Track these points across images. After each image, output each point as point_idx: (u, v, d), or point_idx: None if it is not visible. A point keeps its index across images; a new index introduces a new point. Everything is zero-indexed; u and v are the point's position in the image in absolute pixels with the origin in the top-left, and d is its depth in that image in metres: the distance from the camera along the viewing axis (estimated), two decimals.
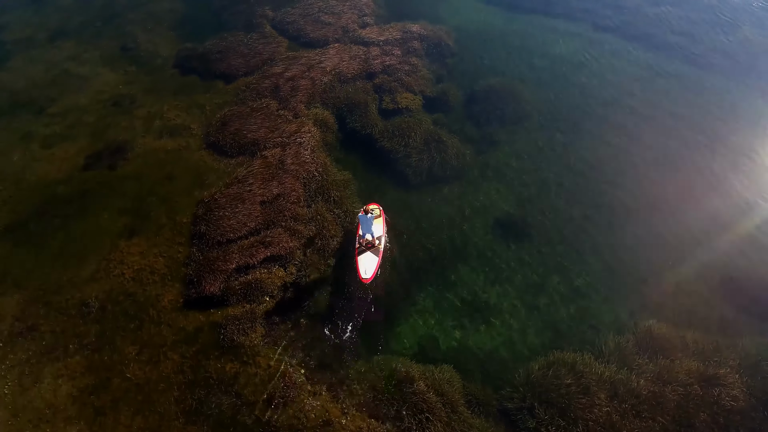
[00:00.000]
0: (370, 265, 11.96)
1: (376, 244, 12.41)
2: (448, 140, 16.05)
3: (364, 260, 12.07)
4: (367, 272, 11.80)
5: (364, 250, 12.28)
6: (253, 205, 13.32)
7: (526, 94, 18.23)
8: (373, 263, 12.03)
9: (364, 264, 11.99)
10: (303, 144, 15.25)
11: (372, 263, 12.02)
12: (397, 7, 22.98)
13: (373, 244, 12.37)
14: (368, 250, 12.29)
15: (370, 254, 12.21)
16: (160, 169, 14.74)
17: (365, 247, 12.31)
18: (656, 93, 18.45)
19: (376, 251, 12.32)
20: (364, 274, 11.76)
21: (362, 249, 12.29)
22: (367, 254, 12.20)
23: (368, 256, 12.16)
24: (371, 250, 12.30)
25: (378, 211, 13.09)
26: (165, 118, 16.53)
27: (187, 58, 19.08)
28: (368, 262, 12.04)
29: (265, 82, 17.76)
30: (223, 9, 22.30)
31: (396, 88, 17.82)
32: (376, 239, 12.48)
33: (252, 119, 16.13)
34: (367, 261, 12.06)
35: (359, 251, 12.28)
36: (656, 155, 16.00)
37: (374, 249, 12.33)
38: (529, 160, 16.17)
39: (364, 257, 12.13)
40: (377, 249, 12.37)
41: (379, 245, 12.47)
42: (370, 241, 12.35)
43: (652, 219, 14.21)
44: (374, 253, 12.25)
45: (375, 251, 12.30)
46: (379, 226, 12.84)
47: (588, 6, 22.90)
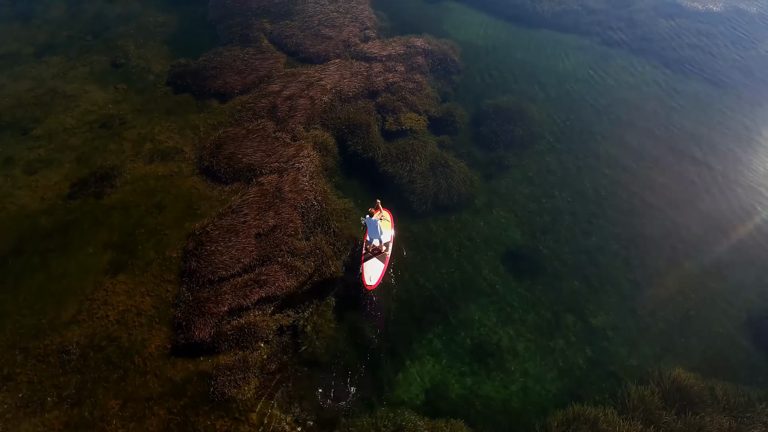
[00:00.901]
0: (375, 272, 11.88)
1: (382, 251, 12.32)
2: (455, 165, 15.37)
3: (370, 266, 11.99)
4: (371, 279, 11.71)
5: (371, 256, 12.19)
6: (247, 239, 12.60)
7: (535, 113, 17.57)
8: (379, 270, 11.95)
9: (369, 270, 11.89)
10: (301, 169, 14.56)
11: (377, 270, 11.94)
12: (401, 19, 22.39)
13: (379, 250, 12.28)
14: (374, 256, 12.21)
15: (376, 260, 12.13)
16: (149, 198, 14.03)
17: (371, 253, 12.23)
18: (672, 112, 17.81)
19: (382, 257, 12.24)
20: (369, 281, 11.67)
21: (368, 255, 12.20)
22: (373, 260, 12.12)
23: (374, 263, 12.08)
24: (377, 256, 12.23)
25: (388, 217, 13.16)
26: (156, 141, 15.84)
27: (180, 75, 18.41)
28: (374, 268, 11.97)
29: (261, 102, 17.09)
30: (218, 21, 21.67)
31: (399, 108, 17.15)
32: (383, 245, 12.36)
33: (248, 142, 15.45)
34: (373, 267, 11.98)
35: (365, 257, 12.17)
36: (674, 181, 15.33)
37: (380, 255, 12.26)
38: (540, 186, 15.48)
39: (369, 263, 12.04)
40: (383, 255, 12.29)
41: (386, 251, 12.39)
42: (377, 247, 12.26)
43: (672, 251, 13.51)
44: (380, 260, 12.17)
45: (381, 257, 12.23)
46: (388, 232, 12.78)
47: (598, 19, 22.31)
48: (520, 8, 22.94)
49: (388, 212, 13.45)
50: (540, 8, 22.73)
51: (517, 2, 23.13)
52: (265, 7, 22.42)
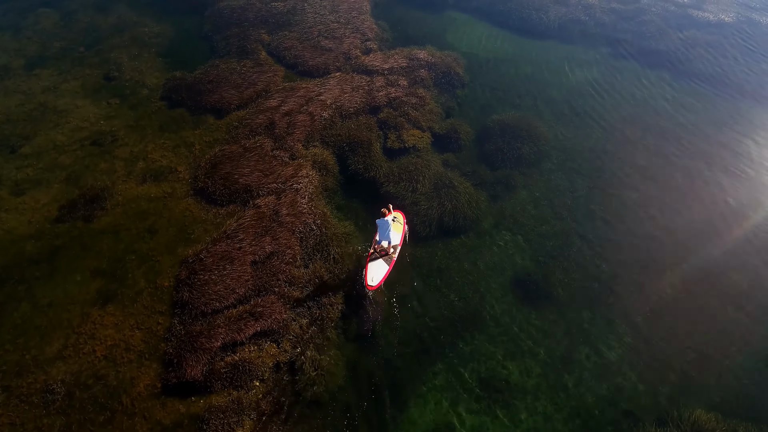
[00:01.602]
0: (378, 273, 12.01)
1: (390, 253, 12.44)
2: (460, 185, 14.92)
3: (374, 267, 12.11)
4: (374, 280, 11.81)
5: (377, 256, 12.30)
6: (242, 266, 12.12)
7: (543, 130, 17.14)
8: (382, 271, 12.09)
9: (373, 271, 12.01)
10: (300, 191, 14.10)
11: (381, 271, 12.07)
12: (403, 30, 22.02)
13: (387, 252, 12.40)
14: (381, 257, 12.34)
15: (381, 261, 12.28)
16: (141, 221, 13.56)
17: (378, 253, 12.34)
18: (684, 129, 17.39)
19: (388, 259, 12.39)
20: (371, 281, 11.77)
21: (375, 255, 12.31)
22: (379, 261, 12.26)
23: (379, 264, 12.22)
24: (384, 257, 12.37)
25: (401, 219, 13.19)
26: (149, 159, 15.39)
27: (175, 89, 17.98)
28: (378, 269, 12.09)
29: (259, 118, 16.66)
30: (215, 32, 21.28)
31: (402, 124, 16.71)
32: (392, 247, 12.47)
33: (244, 161, 14.99)
34: (377, 268, 12.11)
35: (372, 257, 12.28)
36: (686, 204, 14.85)
37: (387, 257, 12.40)
38: (548, 208, 15.02)
39: (374, 264, 12.16)
40: (389, 257, 12.42)
41: (393, 254, 12.52)
42: (385, 249, 12.35)
43: (689, 279, 13.01)
44: (386, 261, 12.33)
45: (387, 259, 12.38)
46: (398, 234, 12.87)
47: (606, 31, 21.92)
48: (525, 19, 22.55)
49: (401, 214, 13.51)
50: (546, 19, 22.36)
51: (523, 13, 22.74)
52: (263, 17, 22.05)
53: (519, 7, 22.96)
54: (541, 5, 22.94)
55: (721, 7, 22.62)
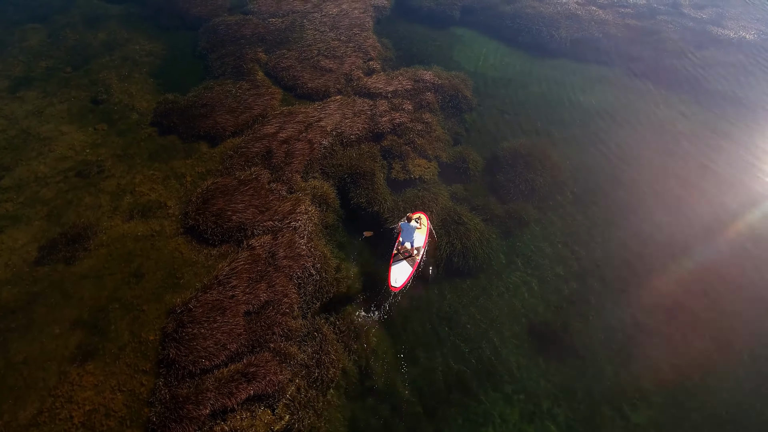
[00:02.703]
0: (402, 275, 12.28)
1: (413, 255, 12.68)
2: (470, 221, 14.13)
3: (398, 268, 12.38)
4: (397, 281, 12.08)
5: (401, 258, 12.56)
6: (235, 318, 11.31)
7: (556, 158, 16.36)
8: (406, 273, 12.36)
9: (397, 272, 12.28)
10: (298, 229, 13.31)
11: (404, 273, 12.35)
12: (407, 48, 21.31)
13: (410, 253, 12.65)
14: (405, 259, 12.59)
15: (405, 263, 12.55)
16: (126, 264, 12.77)
17: (402, 255, 12.60)
18: (710, 159, 16.54)
19: (412, 261, 12.62)
20: (395, 282, 12.03)
21: (399, 257, 12.57)
22: (402, 263, 12.53)
23: (402, 265, 12.49)
24: (407, 259, 12.61)
25: (425, 222, 13.40)
26: (137, 193, 14.62)
27: (166, 114, 17.24)
28: (401, 271, 12.37)
29: (255, 146, 15.90)
30: (209, 50, 20.57)
31: (407, 153, 15.95)
32: (415, 249, 12.76)
33: (239, 196, 14.21)
34: (401, 270, 12.38)
35: (395, 258, 12.57)
36: (719, 244, 14.02)
37: (410, 259, 12.63)
38: (564, 245, 14.22)
39: (398, 266, 12.43)
40: (413, 259, 12.65)
41: (417, 255, 12.75)
42: (409, 250, 12.63)
43: (724, 331, 12.16)
44: (409, 263, 12.58)
45: (411, 261, 12.62)
46: (422, 237, 13.14)
47: (621, 48, 21.17)
48: (535, 35, 21.83)
49: (425, 216, 13.68)
50: (558, 35, 21.63)
51: (533, 29, 22.02)
52: (260, 34, 21.35)
53: (529, 23, 22.25)
54: (552, 21, 22.23)
55: (741, 23, 21.89)
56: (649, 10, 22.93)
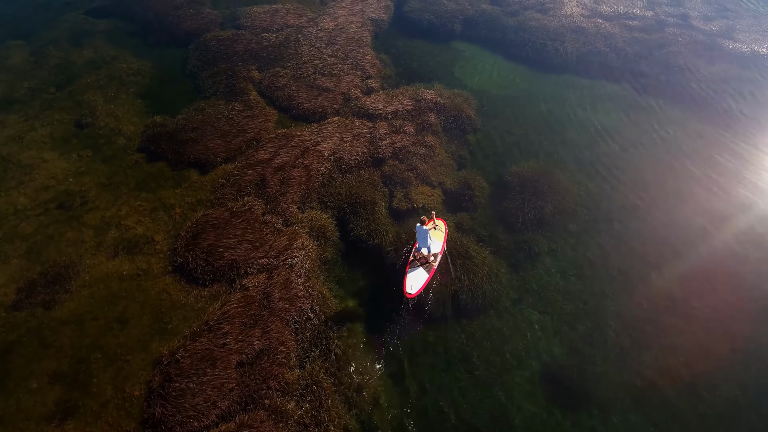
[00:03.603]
0: (418, 281, 12.16)
1: (430, 261, 12.58)
2: (477, 255, 13.47)
3: (414, 275, 12.29)
4: (413, 288, 11.98)
5: (417, 265, 12.50)
6: (226, 370, 10.61)
7: (565, 182, 15.74)
8: (422, 279, 12.23)
9: (412, 279, 12.19)
10: (295, 267, 12.64)
11: (420, 279, 12.22)
12: (407, 64, 20.73)
13: (427, 260, 12.56)
14: (421, 265, 12.50)
15: (421, 270, 12.45)
16: (110, 308, 12.07)
17: (419, 261, 12.53)
18: (730, 184, 15.86)
19: (428, 267, 12.51)
20: (410, 289, 11.94)
21: (415, 263, 12.52)
22: (419, 269, 12.44)
23: (418, 272, 12.39)
24: (424, 266, 12.51)
25: (442, 227, 13.32)
26: (122, 227, 13.93)
27: (155, 139, 16.56)
28: (417, 277, 12.26)
29: (248, 173, 15.23)
30: (200, 68, 19.91)
31: (409, 180, 15.31)
32: (432, 255, 12.65)
33: (231, 229, 13.53)
34: (417, 276, 12.28)
35: (411, 264, 12.51)
36: (738, 281, 13.38)
37: (427, 265, 12.53)
38: (577, 279, 13.58)
39: (414, 272, 12.35)
40: (430, 265, 12.54)
41: (433, 262, 12.62)
42: (425, 257, 12.55)
43: (753, 375, 11.51)
44: (426, 270, 12.46)
45: (427, 267, 12.50)
46: (439, 243, 12.99)
47: (629, 64, 20.64)
48: (540, 50, 21.27)
49: (443, 222, 13.58)
50: (563, 49, 21.08)
51: (537, 43, 21.46)
52: (253, 51, 20.72)
53: (533, 37, 21.69)
54: (556, 34, 21.69)
55: (753, 36, 21.38)
56: (657, 22, 22.42)
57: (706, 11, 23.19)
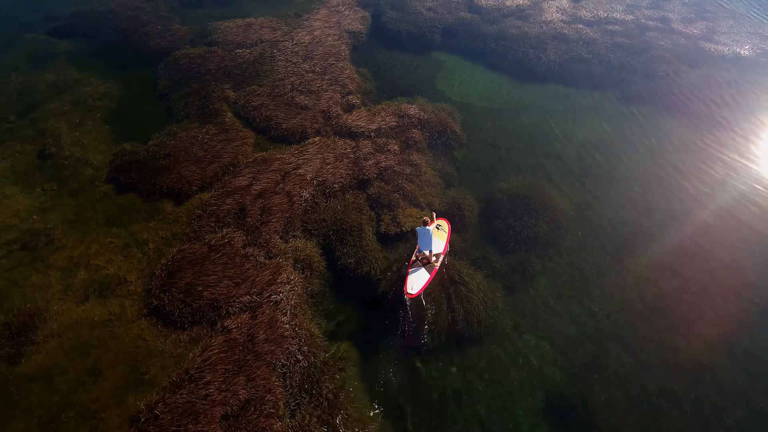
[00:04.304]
0: (419, 282, 12.18)
1: (432, 261, 12.62)
2: (471, 280, 13.07)
3: (415, 275, 12.33)
4: (413, 288, 11.99)
5: (419, 265, 12.52)
6: (210, 425, 9.97)
7: (556, 199, 15.48)
8: (423, 280, 12.25)
9: (414, 279, 12.22)
10: (280, 304, 12.05)
11: (421, 280, 12.25)
12: (387, 78, 20.32)
13: (429, 260, 12.59)
14: (423, 266, 12.54)
15: (423, 270, 12.48)
16: (81, 359, 11.31)
17: (421, 261, 12.56)
18: (716, 193, 15.82)
19: (430, 268, 12.54)
20: (410, 289, 11.95)
21: (416, 263, 12.55)
22: (420, 270, 12.47)
23: (420, 272, 12.43)
24: (426, 266, 12.54)
25: (445, 227, 13.46)
26: (92, 267, 13.16)
27: (124, 168, 15.79)
28: (419, 277, 12.30)
29: (226, 202, 14.58)
30: (171, 89, 19.19)
31: (397, 202, 14.86)
32: (434, 256, 12.69)
33: (210, 265, 12.87)
34: (418, 276, 12.32)
35: (413, 265, 12.55)
36: (735, 296, 13.24)
37: (428, 266, 12.57)
38: (574, 301, 13.28)
39: (415, 272, 12.38)
40: (431, 266, 12.57)
41: (435, 263, 12.65)
42: (427, 257, 12.57)
43: (759, 396, 11.32)
44: (427, 270, 12.49)
45: (429, 268, 12.54)
46: (441, 243, 13.10)
47: (613, 71, 20.62)
48: (522, 59, 21.09)
49: (446, 222, 13.75)
50: (545, 58, 20.93)
51: (519, 52, 21.29)
52: (226, 68, 20.07)
53: (514, 45, 21.51)
54: (538, 42, 21.54)
55: (734, 38, 21.57)
56: (638, 26, 22.48)
57: (685, 13, 23.35)
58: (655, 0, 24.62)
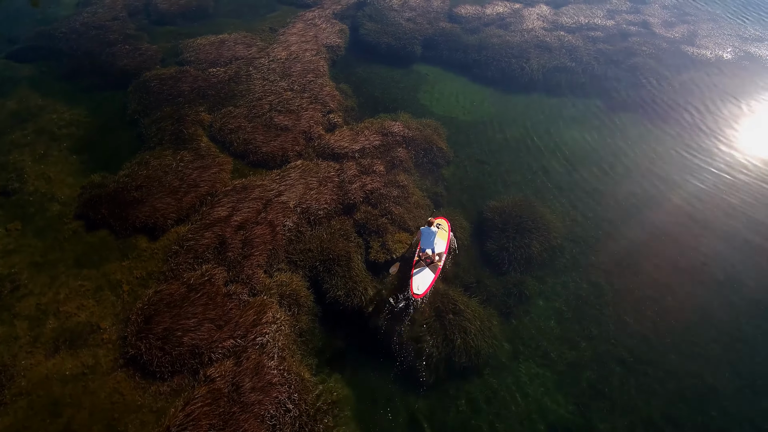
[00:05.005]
0: (424, 281, 12.43)
1: (435, 261, 12.84)
2: (467, 307, 12.67)
3: (420, 275, 12.55)
4: (419, 288, 12.23)
5: (423, 265, 12.74)
6: None
7: (549, 216, 15.20)
8: (428, 279, 12.51)
9: (419, 279, 12.44)
10: (266, 347, 11.45)
11: (427, 279, 12.50)
12: (369, 93, 19.84)
13: (432, 260, 12.81)
14: (427, 266, 12.75)
15: (427, 270, 12.71)
16: (52, 419, 10.52)
17: (424, 261, 12.78)
18: (708, 208, 15.72)
19: (434, 267, 12.81)
20: (417, 289, 12.18)
21: (420, 263, 12.77)
22: (424, 269, 12.70)
23: (424, 272, 12.66)
24: (429, 266, 12.77)
25: (445, 227, 13.66)
26: (62, 315, 12.35)
27: (94, 202, 14.97)
28: (423, 277, 12.53)
29: (205, 236, 13.90)
30: (142, 114, 18.36)
31: (385, 227, 14.37)
32: (436, 255, 12.91)
33: (189, 307, 12.19)
34: (423, 276, 12.54)
35: (416, 264, 12.77)
36: (746, 310, 13.11)
37: (432, 265, 12.80)
38: (573, 323, 12.98)
39: (419, 273, 12.60)
40: (435, 265, 12.83)
41: (438, 262, 12.94)
42: (430, 256, 12.77)
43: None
44: (431, 269, 12.75)
45: (433, 267, 12.79)
46: (443, 242, 13.35)
47: (597, 79, 20.53)
48: (505, 69, 20.85)
49: (446, 221, 13.93)
50: (528, 67, 20.71)
51: (502, 62, 21.04)
52: (200, 89, 19.34)
53: (496, 55, 21.25)
54: (520, 51, 21.33)
55: (716, 40, 21.68)
56: (620, 32, 22.45)
57: (666, 17, 23.43)
58: (634, 4, 24.69)
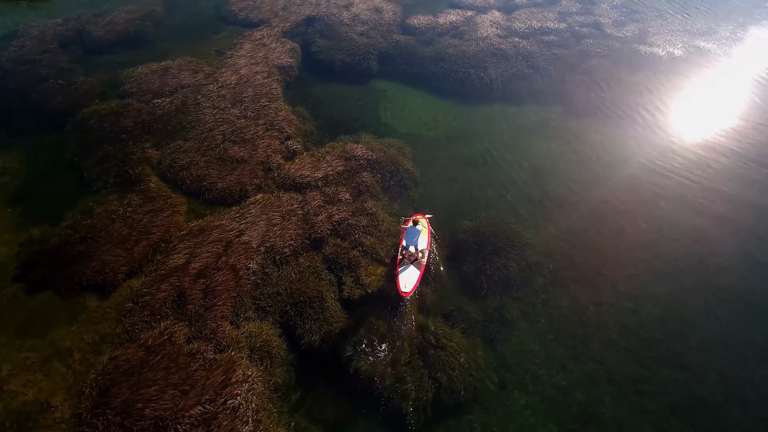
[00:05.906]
0: (411, 279, 12.68)
1: (418, 258, 13.07)
2: (450, 340, 12.27)
3: (405, 274, 12.79)
4: (407, 286, 12.45)
5: (407, 263, 12.97)
6: None
7: (522, 232, 14.97)
8: (414, 277, 12.77)
9: (405, 278, 12.68)
10: (239, 411, 10.64)
11: (413, 277, 12.76)
12: (327, 115, 19.25)
13: (416, 257, 13.00)
14: (411, 263, 12.98)
15: (411, 267, 12.96)
16: None
17: (408, 260, 12.98)
18: (679, 212, 15.90)
19: (418, 264, 13.07)
20: (404, 287, 12.40)
21: (404, 262, 12.99)
22: (409, 268, 12.94)
23: (409, 270, 12.90)
24: (413, 263, 13.01)
25: (424, 223, 13.70)
26: (7, 394, 11.17)
27: (34, 261, 13.75)
28: (409, 275, 12.77)
29: (162, 288, 12.93)
30: (83, 155, 17.10)
31: (357, 260, 13.80)
32: (419, 252, 13.11)
33: (149, 373, 11.24)
34: (408, 275, 12.78)
35: (401, 263, 13.01)
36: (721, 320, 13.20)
37: (416, 262, 13.06)
38: (558, 343, 12.76)
39: (405, 271, 12.84)
40: (419, 263, 13.09)
41: (422, 258, 13.17)
42: (413, 254, 12.92)
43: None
44: (416, 267, 13.01)
45: (417, 264, 13.06)
46: (425, 239, 13.62)
47: (555, 85, 20.62)
48: (463, 80, 20.67)
49: (424, 217, 13.89)
50: (487, 77, 20.61)
51: (459, 73, 20.85)
52: (145, 123, 18.23)
53: (454, 66, 21.05)
54: (477, 60, 21.21)
55: (666, 38, 22.23)
56: (573, 34, 22.72)
57: (616, 16, 23.89)
58: (584, 5, 25.10)
